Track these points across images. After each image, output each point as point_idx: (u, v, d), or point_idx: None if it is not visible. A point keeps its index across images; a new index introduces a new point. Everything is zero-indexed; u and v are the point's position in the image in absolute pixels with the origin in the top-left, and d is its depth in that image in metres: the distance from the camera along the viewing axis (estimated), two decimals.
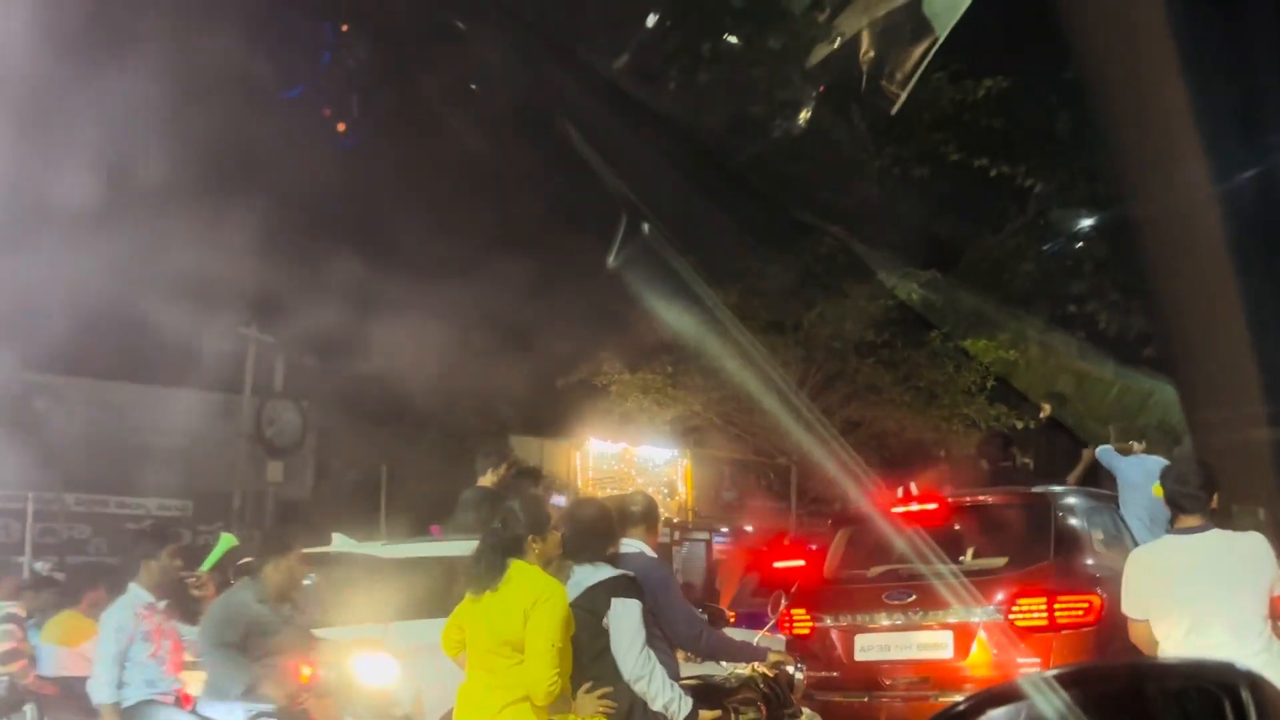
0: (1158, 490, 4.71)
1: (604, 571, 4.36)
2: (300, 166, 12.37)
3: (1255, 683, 1.10)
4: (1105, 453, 7.70)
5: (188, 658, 5.77)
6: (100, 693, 5.27)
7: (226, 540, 6.20)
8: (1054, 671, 1.16)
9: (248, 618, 5.28)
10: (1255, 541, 4.26)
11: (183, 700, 5.51)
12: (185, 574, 6.13)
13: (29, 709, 6.59)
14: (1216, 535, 4.29)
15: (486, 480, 7.87)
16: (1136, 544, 6.84)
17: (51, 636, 7.84)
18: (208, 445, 15.30)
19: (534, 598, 4.03)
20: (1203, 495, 4.30)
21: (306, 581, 5.71)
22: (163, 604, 5.62)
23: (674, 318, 13.29)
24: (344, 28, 14.24)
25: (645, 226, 13.69)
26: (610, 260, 13.40)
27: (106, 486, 15.16)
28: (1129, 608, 4.46)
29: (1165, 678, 1.24)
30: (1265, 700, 1.08)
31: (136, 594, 5.55)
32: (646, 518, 4.92)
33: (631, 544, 4.79)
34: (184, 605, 6.09)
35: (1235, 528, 4.42)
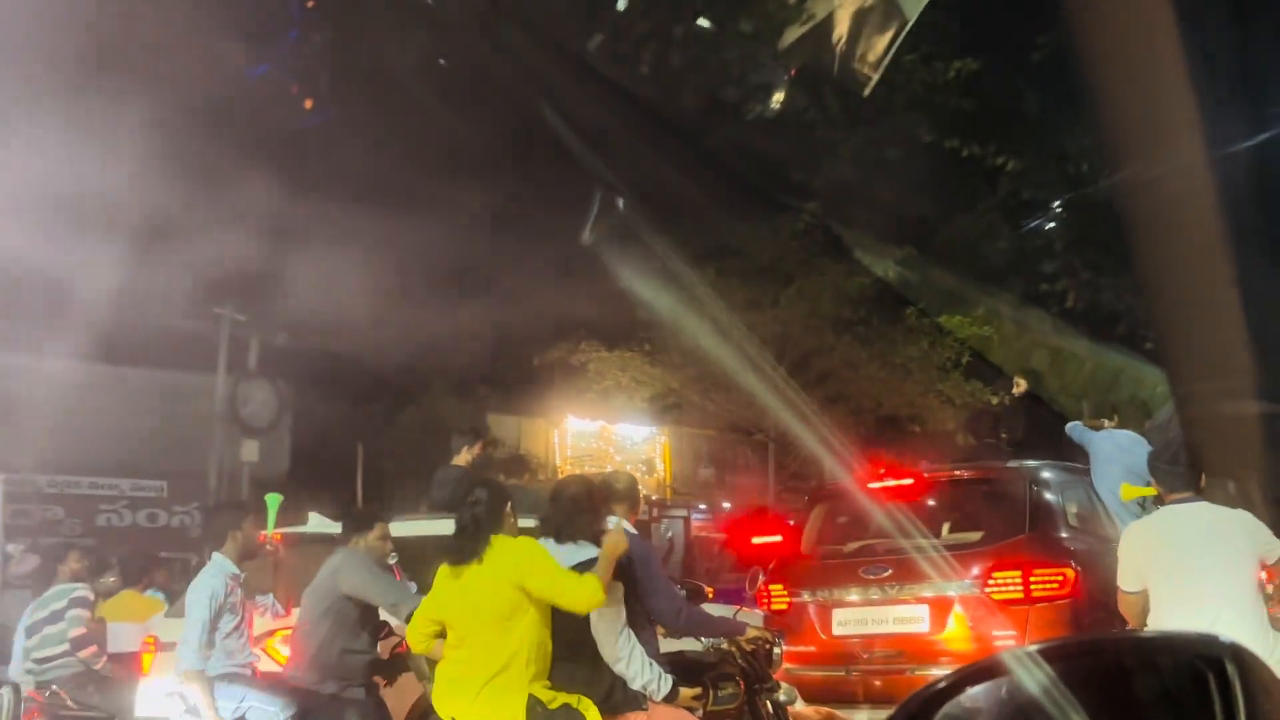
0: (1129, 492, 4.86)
1: (587, 551, 4.37)
2: (274, 146, 12.26)
3: (1239, 654, 1.11)
4: (1075, 428, 7.75)
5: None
6: (190, 659, 5.15)
7: (275, 499, 6.16)
8: (1035, 646, 1.16)
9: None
10: (1244, 516, 4.47)
11: (255, 673, 5.50)
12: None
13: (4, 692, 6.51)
14: (1206, 507, 4.50)
15: (462, 459, 7.88)
16: (1110, 517, 6.93)
17: (116, 614, 7.84)
18: (182, 425, 15.20)
19: (517, 563, 4.10)
20: (1192, 474, 4.57)
21: (391, 560, 5.72)
22: (244, 575, 5.59)
23: (652, 295, 13.29)
24: (310, 3, 14.07)
25: (622, 205, 13.67)
26: (587, 239, 13.37)
27: (80, 468, 15.05)
28: (1124, 580, 4.60)
29: (1147, 650, 1.24)
30: (1249, 672, 1.09)
31: (223, 564, 5.46)
32: (629, 496, 4.94)
33: (613, 521, 4.81)
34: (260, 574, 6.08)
35: (1208, 501, 4.56)
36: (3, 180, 8.59)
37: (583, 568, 4.27)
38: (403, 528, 6.47)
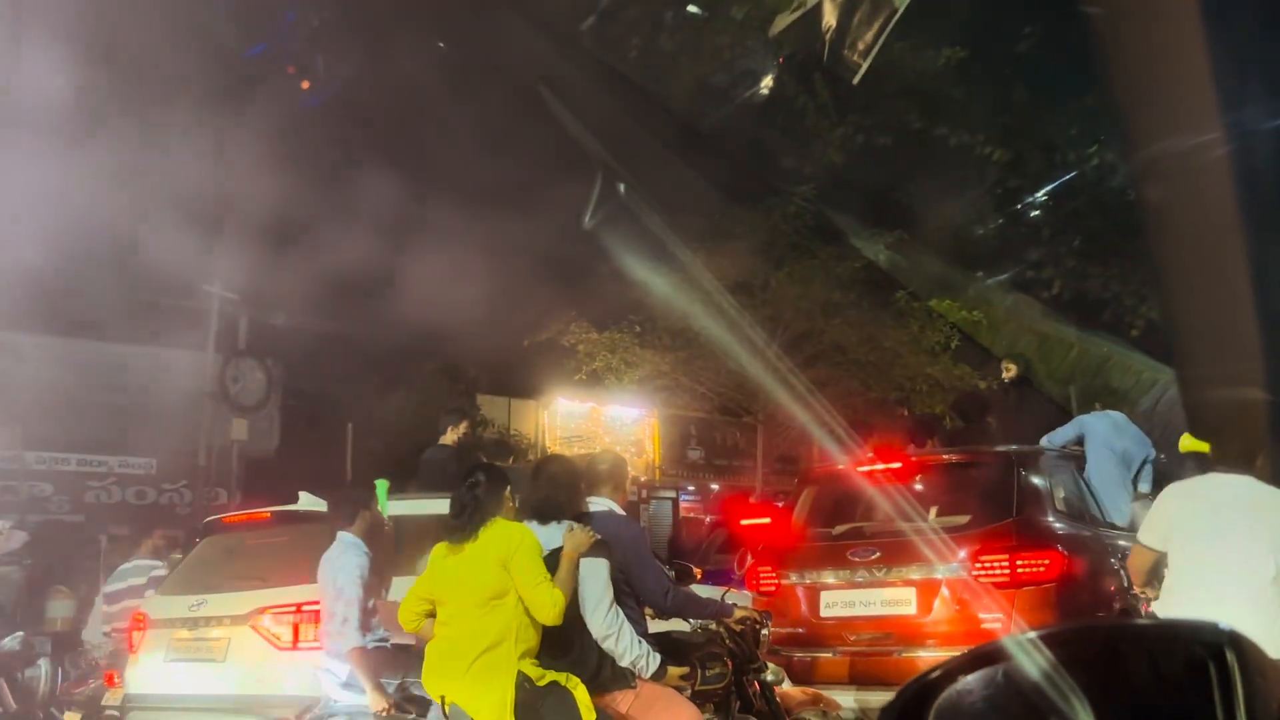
0: (1188, 443, 4.87)
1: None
2: (265, 123, 12.19)
3: (1238, 642, 1.13)
4: (1054, 437, 7.68)
5: None
6: (353, 638, 5.18)
7: (384, 485, 6.17)
8: (1031, 634, 1.17)
9: None
10: None
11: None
12: None
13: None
14: (1252, 482, 4.48)
15: (448, 438, 7.91)
16: (1098, 502, 6.98)
17: None
18: (172, 403, 15.16)
19: (510, 547, 4.18)
20: (1248, 455, 4.53)
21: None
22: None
23: (642, 277, 13.28)
24: None
25: (614, 187, 13.65)
26: (579, 220, 13.36)
27: (68, 444, 15.01)
28: (1147, 535, 4.66)
29: (1144, 638, 1.25)
30: (1248, 659, 1.11)
31: (356, 543, 5.49)
32: (613, 476, 4.95)
33: (601, 503, 4.82)
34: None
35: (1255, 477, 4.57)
36: None
37: (559, 555, 4.31)
38: (390, 507, 6.48)
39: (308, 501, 6.54)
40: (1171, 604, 4.44)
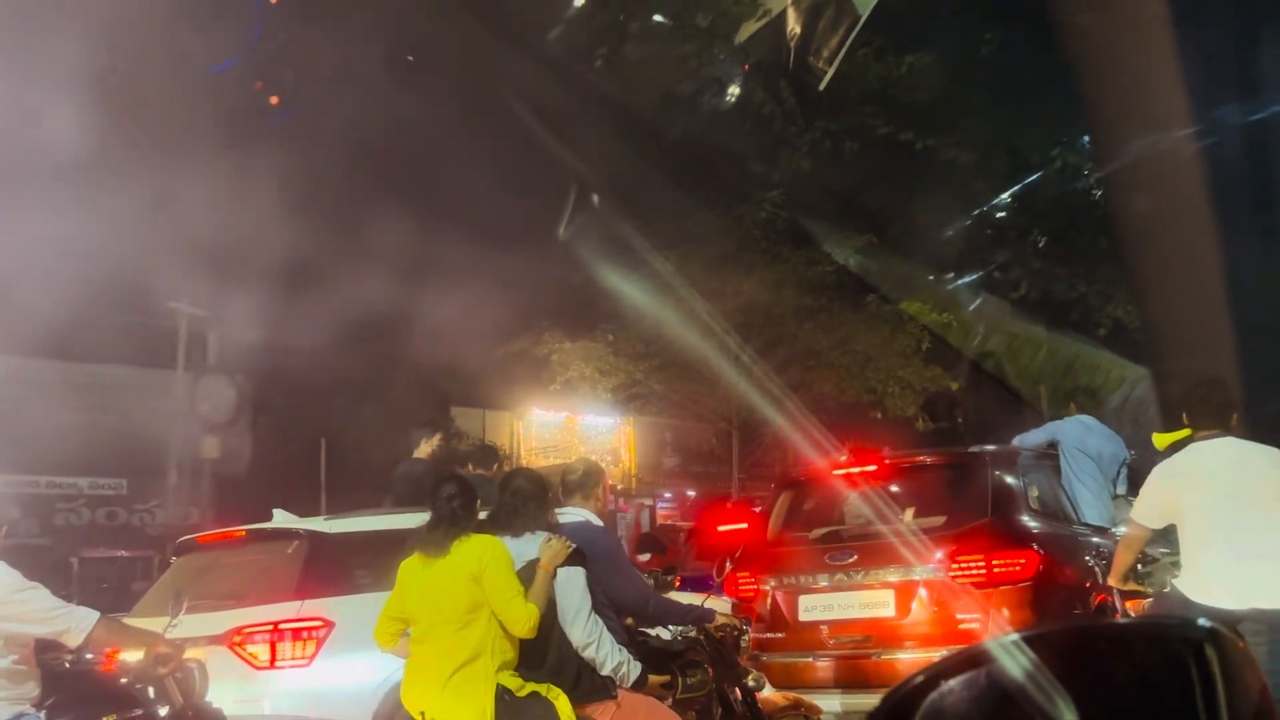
0: (1163, 439, 4.92)
1: (541, 544, 4.38)
2: (230, 139, 12.11)
3: (1218, 637, 1.13)
4: (1027, 439, 7.71)
5: None
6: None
7: None
8: (1013, 635, 1.17)
9: None
10: (1273, 450, 4.52)
11: None
12: None
13: None
14: (1233, 441, 4.56)
15: (422, 452, 7.85)
16: (1074, 502, 7.02)
17: None
18: (141, 423, 15.00)
19: (481, 560, 4.15)
20: (1224, 411, 4.62)
21: None
22: None
23: (615, 286, 13.29)
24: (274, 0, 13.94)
25: (585, 197, 13.65)
26: (552, 231, 13.35)
27: (36, 466, 14.81)
28: (1142, 514, 4.73)
29: (1125, 636, 1.26)
30: (1228, 655, 1.12)
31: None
32: (584, 485, 4.91)
33: (576, 513, 4.80)
34: None
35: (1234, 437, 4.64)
36: None
37: (532, 566, 4.30)
38: (366, 523, 6.43)
39: (282, 519, 6.47)
40: (1199, 575, 4.46)
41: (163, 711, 4.26)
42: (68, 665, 4.38)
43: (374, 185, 13.82)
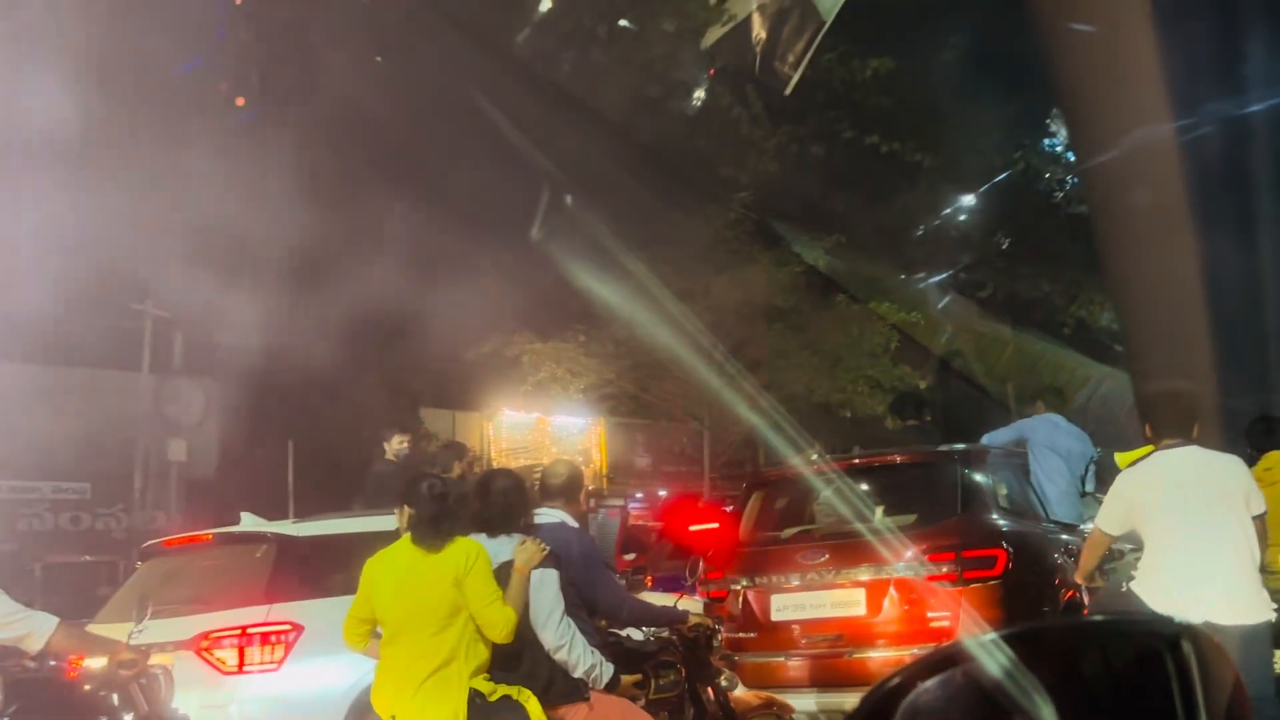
0: (1125, 458, 4.97)
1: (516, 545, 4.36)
2: (195, 140, 11.99)
3: (1194, 634, 1.14)
4: (995, 437, 7.76)
5: None
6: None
7: None
8: (989, 635, 1.18)
9: None
10: (1236, 460, 4.62)
11: None
12: None
13: None
14: (1197, 450, 4.62)
15: (391, 453, 7.86)
16: (1043, 500, 7.09)
17: None
18: (105, 426, 14.79)
19: (465, 564, 4.13)
20: (1186, 420, 4.68)
21: None
22: None
23: (586, 286, 13.27)
24: (239, 0, 13.82)
25: (556, 197, 13.63)
26: (522, 230, 13.32)
27: None
28: (1107, 521, 4.78)
29: (1102, 634, 1.27)
30: (1203, 650, 1.13)
31: None
32: (566, 489, 4.90)
33: (552, 514, 4.78)
34: None
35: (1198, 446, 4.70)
36: None
37: (507, 569, 4.27)
38: (335, 525, 6.39)
39: (250, 522, 6.41)
40: (1157, 582, 4.51)
41: (127, 718, 4.20)
42: (30, 667, 4.31)
43: (343, 187, 13.73)
